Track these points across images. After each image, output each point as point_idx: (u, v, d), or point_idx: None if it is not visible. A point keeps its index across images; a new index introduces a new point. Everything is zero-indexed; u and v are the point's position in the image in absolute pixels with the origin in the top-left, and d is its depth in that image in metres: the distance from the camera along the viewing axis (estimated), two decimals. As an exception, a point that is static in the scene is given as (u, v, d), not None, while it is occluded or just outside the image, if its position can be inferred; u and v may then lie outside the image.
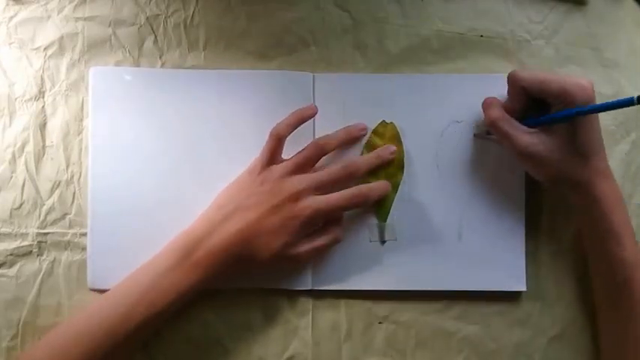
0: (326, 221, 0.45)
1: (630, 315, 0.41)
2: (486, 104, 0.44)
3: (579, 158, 0.41)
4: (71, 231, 0.47)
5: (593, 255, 0.44)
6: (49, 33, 0.47)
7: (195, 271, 0.42)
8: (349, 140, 0.47)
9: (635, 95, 0.36)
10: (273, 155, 0.44)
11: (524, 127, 0.42)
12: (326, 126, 0.47)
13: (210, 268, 0.42)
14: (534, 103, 0.43)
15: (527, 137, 0.41)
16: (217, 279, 0.42)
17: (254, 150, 0.47)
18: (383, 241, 0.47)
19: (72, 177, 0.47)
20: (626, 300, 0.41)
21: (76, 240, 0.47)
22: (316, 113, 0.46)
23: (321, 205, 0.42)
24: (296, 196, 0.42)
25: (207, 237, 0.42)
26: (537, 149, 0.41)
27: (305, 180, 0.43)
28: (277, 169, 0.44)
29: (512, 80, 0.43)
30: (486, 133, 0.47)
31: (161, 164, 0.47)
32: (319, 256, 0.46)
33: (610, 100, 0.38)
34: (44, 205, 0.47)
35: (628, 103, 0.36)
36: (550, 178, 0.43)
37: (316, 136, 0.47)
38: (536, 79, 0.41)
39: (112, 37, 0.48)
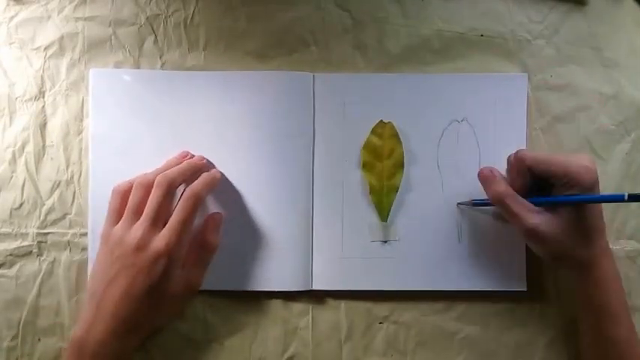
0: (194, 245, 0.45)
1: None
2: (488, 178, 0.43)
3: (583, 239, 0.41)
4: (71, 231, 0.47)
5: (589, 332, 0.43)
6: (50, 33, 0.47)
7: None
8: (194, 171, 0.44)
9: (626, 193, 0.37)
10: (117, 214, 0.43)
11: (531, 205, 0.41)
12: (326, 126, 0.47)
13: (107, 355, 0.40)
14: (535, 180, 0.42)
15: (535, 216, 0.41)
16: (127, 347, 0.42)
17: (254, 151, 0.47)
18: (383, 242, 0.47)
19: (72, 177, 0.47)
20: None
21: (76, 240, 0.47)
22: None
23: (168, 235, 0.41)
24: (143, 245, 0.40)
25: (89, 333, 0.40)
26: (543, 229, 0.40)
27: (140, 224, 0.41)
28: (118, 228, 0.42)
29: (518, 160, 0.42)
30: (472, 203, 0.46)
31: (161, 164, 0.47)
32: (204, 274, 0.45)
33: (603, 194, 0.41)
34: (44, 205, 0.47)
35: (619, 199, 0.38)
36: (553, 256, 0.42)
37: (316, 137, 0.47)
38: (541, 161, 0.41)
39: (112, 37, 0.48)
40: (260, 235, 0.47)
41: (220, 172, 0.46)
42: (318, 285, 0.47)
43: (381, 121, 0.47)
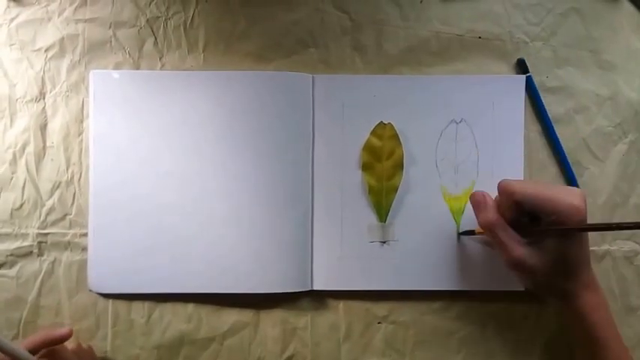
0: None
1: None
2: (480, 204, 0.42)
3: (567, 272, 0.41)
4: (71, 231, 0.47)
5: (580, 354, 0.43)
6: (50, 35, 0.48)
7: None
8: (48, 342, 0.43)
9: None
10: None
11: (518, 237, 0.41)
12: (325, 127, 0.48)
13: None
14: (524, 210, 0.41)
15: (521, 249, 0.40)
16: None
17: (254, 151, 0.47)
18: (382, 242, 0.48)
19: (72, 178, 0.47)
20: None
21: (76, 240, 0.47)
22: (70, 336, 0.44)
23: None
24: None
25: None
26: (529, 262, 0.40)
27: None
28: None
29: (505, 193, 0.41)
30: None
31: (161, 165, 0.47)
32: None
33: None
34: (44, 205, 0.47)
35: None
36: (537, 288, 0.43)
37: (315, 138, 0.48)
38: (531, 196, 0.40)
39: (112, 39, 0.48)
40: (260, 236, 0.47)
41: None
42: (317, 285, 0.47)
43: (381, 122, 0.48)
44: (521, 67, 0.48)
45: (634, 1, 0.49)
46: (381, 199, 0.47)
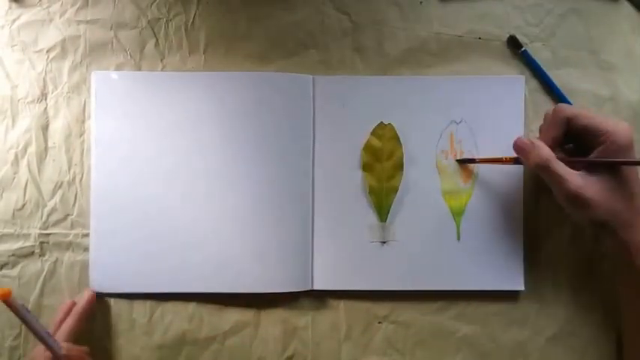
0: None
1: None
2: (527, 146, 0.43)
3: (623, 200, 0.41)
4: (73, 232, 0.47)
5: (633, 298, 0.43)
6: (52, 36, 0.48)
7: None
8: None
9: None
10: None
11: (571, 169, 0.41)
12: (326, 128, 0.48)
13: None
14: (570, 140, 0.43)
15: (578, 179, 0.41)
16: None
17: (255, 152, 0.47)
18: (383, 242, 0.48)
19: (74, 178, 0.48)
20: None
21: (77, 240, 0.47)
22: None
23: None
24: None
25: None
26: (587, 191, 0.40)
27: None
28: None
29: (558, 111, 0.42)
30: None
31: (163, 166, 0.47)
32: None
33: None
34: (46, 206, 0.47)
35: None
36: (595, 219, 0.42)
37: (316, 138, 0.48)
38: (580, 114, 0.42)
39: (114, 40, 0.48)
40: (261, 235, 0.47)
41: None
42: (318, 285, 0.47)
43: (382, 122, 0.48)
44: (514, 43, 0.48)
45: (633, 1, 0.49)
46: (382, 199, 0.48)
